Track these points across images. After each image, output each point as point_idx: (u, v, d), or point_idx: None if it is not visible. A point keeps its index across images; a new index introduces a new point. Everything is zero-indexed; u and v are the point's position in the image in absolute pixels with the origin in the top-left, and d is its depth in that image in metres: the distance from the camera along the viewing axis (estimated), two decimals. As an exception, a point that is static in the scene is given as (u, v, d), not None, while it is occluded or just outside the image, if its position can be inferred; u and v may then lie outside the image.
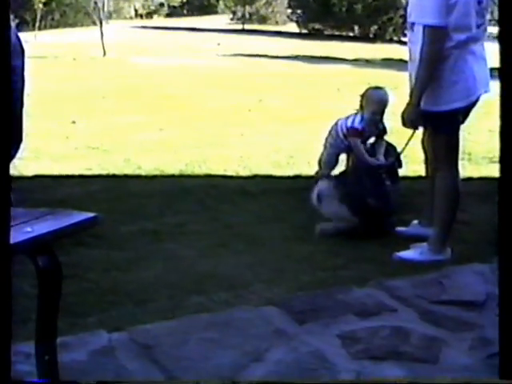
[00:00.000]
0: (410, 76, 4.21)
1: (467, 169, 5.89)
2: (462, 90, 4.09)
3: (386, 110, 5.41)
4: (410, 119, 4.14)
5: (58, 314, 2.23)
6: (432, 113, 4.11)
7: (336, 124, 5.60)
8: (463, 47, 4.03)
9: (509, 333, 2.23)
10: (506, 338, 2.24)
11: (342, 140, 5.50)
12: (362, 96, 5.42)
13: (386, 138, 5.44)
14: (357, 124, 5.40)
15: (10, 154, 2.03)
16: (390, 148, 5.39)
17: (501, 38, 2.37)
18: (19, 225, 1.98)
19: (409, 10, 4.21)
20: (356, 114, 5.47)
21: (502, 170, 2.26)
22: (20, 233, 1.94)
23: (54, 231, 2.05)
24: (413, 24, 4.12)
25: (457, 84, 4.06)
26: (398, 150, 5.13)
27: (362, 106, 5.41)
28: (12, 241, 1.80)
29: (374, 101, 5.43)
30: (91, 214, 2.18)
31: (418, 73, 4.03)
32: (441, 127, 4.18)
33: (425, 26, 3.97)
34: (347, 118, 5.52)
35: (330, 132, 5.65)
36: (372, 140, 5.45)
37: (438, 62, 4.00)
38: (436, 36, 3.96)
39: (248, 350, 2.85)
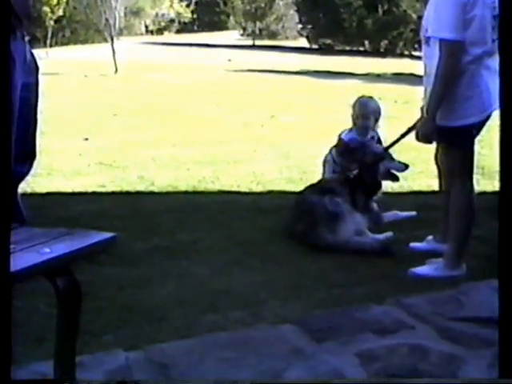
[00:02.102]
0: (425, 91, 4.17)
1: (481, 183, 5.87)
2: (477, 104, 4.07)
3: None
4: (425, 134, 4.12)
5: (77, 335, 2.21)
6: (447, 128, 4.08)
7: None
8: (479, 62, 4.01)
9: (509, 333, 2.20)
10: (506, 338, 2.22)
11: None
12: (353, 106, 5.40)
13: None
14: (343, 135, 5.40)
15: (8, 186, 2.00)
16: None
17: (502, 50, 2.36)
18: (37, 245, 1.95)
19: (424, 24, 4.17)
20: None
21: (501, 185, 2.24)
22: (38, 254, 1.91)
23: (73, 252, 2.01)
24: (428, 38, 4.08)
25: (472, 99, 4.04)
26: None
27: (352, 117, 5.40)
28: (30, 262, 1.78)
29: (363, 110, 5.38)
30: (109, 234, 2.15)
31: (434, 87, 3.99)
32: (455, 142, 4.15)
33: (442, 40, 3.94)
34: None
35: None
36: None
37: (454, 77, 3.98)
38: (453, 50, 3.93)
39: (265, 370, 2.82)
